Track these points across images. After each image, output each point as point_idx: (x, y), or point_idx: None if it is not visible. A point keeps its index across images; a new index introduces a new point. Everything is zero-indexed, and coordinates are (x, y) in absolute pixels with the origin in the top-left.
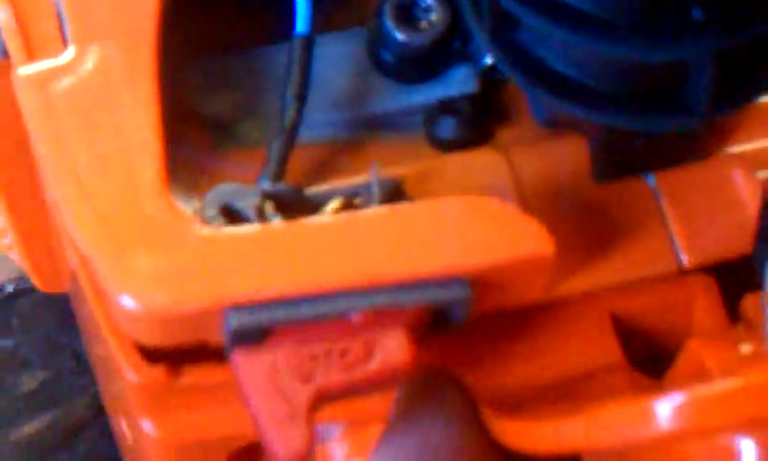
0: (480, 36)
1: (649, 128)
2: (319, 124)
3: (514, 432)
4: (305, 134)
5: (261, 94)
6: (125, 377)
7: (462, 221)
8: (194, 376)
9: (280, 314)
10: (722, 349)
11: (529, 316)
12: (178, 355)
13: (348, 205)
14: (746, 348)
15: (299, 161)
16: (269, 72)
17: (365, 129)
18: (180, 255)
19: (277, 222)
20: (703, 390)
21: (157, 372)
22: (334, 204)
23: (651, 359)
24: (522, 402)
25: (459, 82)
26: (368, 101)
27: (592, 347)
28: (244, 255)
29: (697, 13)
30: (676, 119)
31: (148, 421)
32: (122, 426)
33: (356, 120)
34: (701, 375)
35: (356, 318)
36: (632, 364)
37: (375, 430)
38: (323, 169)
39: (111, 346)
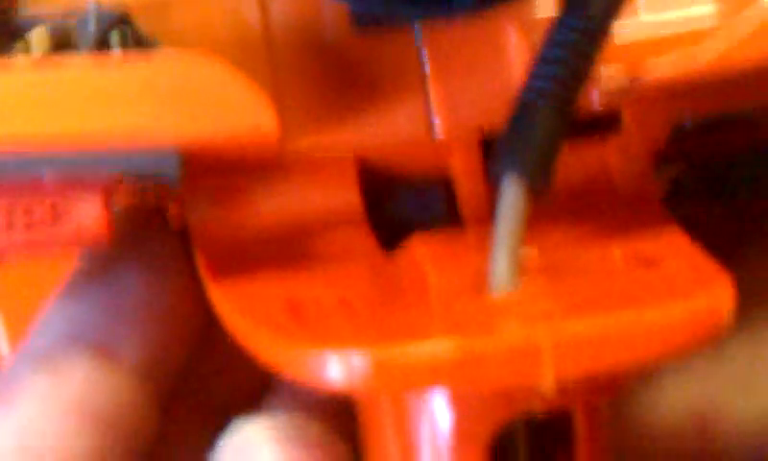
0: None
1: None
2: None
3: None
4: None
5: None
6: None
7: (176, 84)
8: None
9: None
10: (445, 259)
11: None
12: None
13: (61, 38)
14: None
15: None
16: None
17: None
18: None
19: None
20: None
21: None
22: (41, 39)
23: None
24: (257, 246)
25: None
26: None
27: (333, 198)
28: None
29: None
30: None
31: None
32: None
33: None
34: (416, 281)
35: (48, 179)
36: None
37: None
38: None
39: None
